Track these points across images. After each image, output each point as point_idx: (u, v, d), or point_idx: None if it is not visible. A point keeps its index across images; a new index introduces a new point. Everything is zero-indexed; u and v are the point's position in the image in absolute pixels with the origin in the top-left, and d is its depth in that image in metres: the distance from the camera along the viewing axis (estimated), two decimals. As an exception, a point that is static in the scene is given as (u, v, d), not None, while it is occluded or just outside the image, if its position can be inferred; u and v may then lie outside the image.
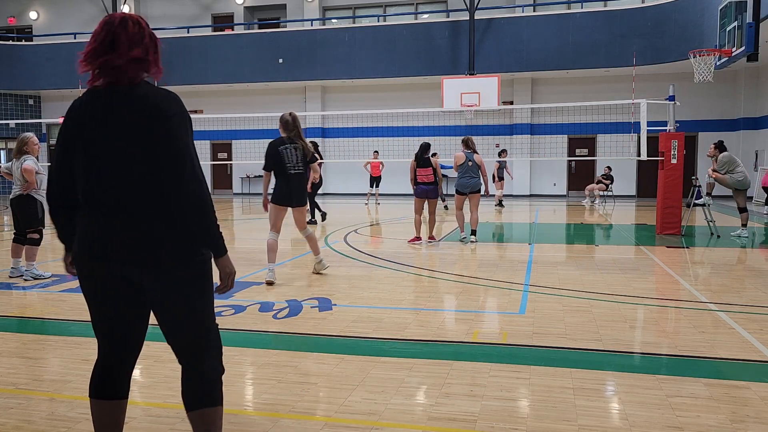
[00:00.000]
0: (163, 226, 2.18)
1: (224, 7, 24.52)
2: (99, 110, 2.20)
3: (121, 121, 2.17)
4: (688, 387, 3.57)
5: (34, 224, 7.05)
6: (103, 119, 2.19)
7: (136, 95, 2.20)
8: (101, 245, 2.21)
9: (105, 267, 2.22)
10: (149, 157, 2.15)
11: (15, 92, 24.73)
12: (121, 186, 2.18)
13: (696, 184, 10.87)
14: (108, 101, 2.20)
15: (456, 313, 5.47)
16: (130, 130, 2.16)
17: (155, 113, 2.16)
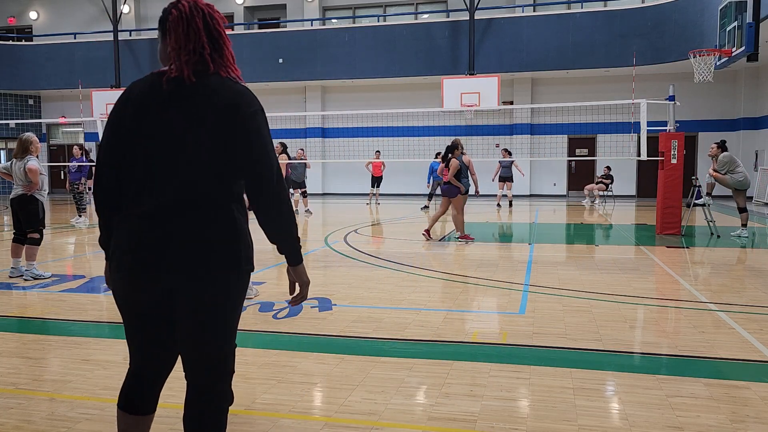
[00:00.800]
0: (221, 232, 2.01)
1: (224, 7, 24.50)
2: (162, 102, 2.02)
3: (189, 117, 2.00)
4: (688, 387, 3.57)
5: (35, 224, 7.05)
6: (168, 112, 2.01)
7: (208, 88, 2.02)
8: (147, 253, 2.00)
9: (150, 278, 2.02)
10: (221, 158, 2.00)
11: (15, 92, 24.74)
12: (180, 187, 2.00)
13: (696, 184, 10.88)
14: (175, 93, 2.02)
15: (456, 313, 5.47)
16: (201, 127, 1.99)
17: (237, 107, 2.00)
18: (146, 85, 2.08)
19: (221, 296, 2.05)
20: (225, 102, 2.00)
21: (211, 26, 2.09)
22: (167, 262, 1.99)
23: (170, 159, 2.00)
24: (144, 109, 2.03)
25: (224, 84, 2.05)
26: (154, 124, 2.02)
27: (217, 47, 2.10)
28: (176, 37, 2.04)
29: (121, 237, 2.06)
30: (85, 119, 17.84)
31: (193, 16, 2.06)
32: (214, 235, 2.00)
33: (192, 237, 1.99)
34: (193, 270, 1.99)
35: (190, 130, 1.99)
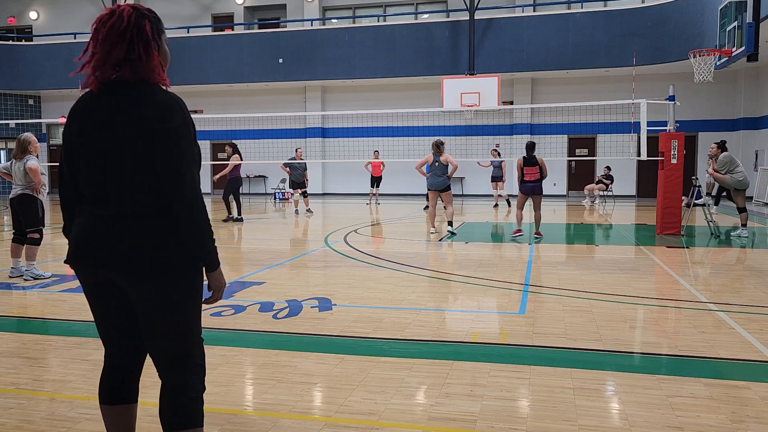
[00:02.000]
0: (154, 234, 2.10)
1: (224, 7, 24.52)
2: (90, 110, 2.14)
3: (108, 126, 2.10)
4: (688, 387, 3.57)
5: (34, 224, 7.05)
6: (104, 123, 2.12)
7: (125, 97, 2.10)
8: (89, 248, 2.14)
9: (93, 270, 2.17)
10: (149, 168, 2.07)
11: (15, 92, 24.74)
12: (116, 191, 2.10)
13: (696, 184, 10.88)
14: (109, 103, 2.12)
15: (456, 313, 5.47)
16: (129, 139, 2.08)
17: (154, 124, 2.06)
18: (86, 93, 2.19)
19: (159, 300, 2.14)
20: (143, 113, 2.07)
21: (140, 33, 2.12)
22: (106, 263, 2.11)
23: (100, 170, 2.11)
24: (81, 118, 2.16)
25: (150, 91, 2.11)
26: (83, 136, 2.15)
27: (147, 56, 2.12)
28: (94, 44, 2.13)
29: (73, 233, 2.22)
30: (85, 119, 17.82)
31: (122, 19, 2.11)
32: (145, 241, 2.09)
33: (125, 243, 2.09)
34: (130, 275, 2.11)
35: (110, 141, 2.09)
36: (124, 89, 2.10)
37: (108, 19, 2.12)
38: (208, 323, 5.08)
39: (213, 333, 4.81)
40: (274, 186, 22.98)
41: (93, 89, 2.14)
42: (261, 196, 23.63)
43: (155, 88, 2.13)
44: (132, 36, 2.10)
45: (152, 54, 2.13)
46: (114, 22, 2.10)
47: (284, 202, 20.45)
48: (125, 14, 2.12)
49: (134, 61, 2.10)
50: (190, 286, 2.19)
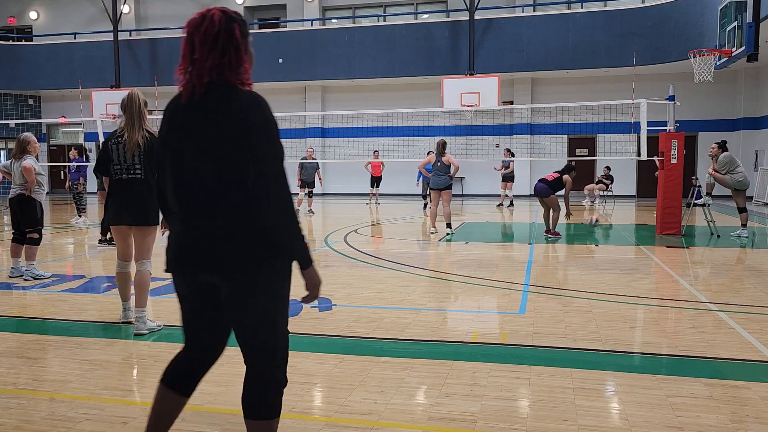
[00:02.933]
0: (245, 233, 2.14)
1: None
2: (183, 116, 2.20)
3: (201, 128, 2.16)
4: (688, 387, 3.57)
5: (33, 224, 7.05)
6: (187, 125, 2.18)
7: (216, 100, 2.15)
8: (187, 253, 2.22)
9: (191, 274, 2.24)
10: (236, 168, 2.13)
11: (15, 92, 24.74)
12: (203, 194, 2.17)
13: (696, 184, 10.87)
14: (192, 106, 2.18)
15: (456, 313, 5.47)
16: (216, 140, 2.14)
17: (240, 123, 2.11)
18: (175, 98, 2.26)
19: (251, 293, 2.19)
20: (230, 111, 2.12)
21: (231, 37, 2.18)
22: (202, 262, 2.18)
23: (194, 168, 2.17)
24: (172, 122, 2.23)
25: (236, 92, 2.16)
26: (178, 136, 2.21)
27: (236, 59, 2.19)
28: (191, 48, 2.18)
29: (170, 236, 2.32)
30: (85, 119, 17.86)
31: (214, 24, 2.16)
32: (233, 239, 2.14)
33: (220, 239, 2.15)
34: (225, 269, 2.16)
35: (205, 140, 2.14)
36: (212, 91, 2.16)
37: (201, 23, 2.17)
38: (208, 323, 5.07)
39: (213, 333, 4.80)
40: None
41: (189, 93, 2.18)
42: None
43: (240, 89, 2.18)
44: (224, 41, 2.16)
45: (242, 57, 2.20)
46: (207, 27, 2.16)
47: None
48: (216, 19, 2.17)
49: (226, 65, 2.16)
50: (280, 281, 2.23)
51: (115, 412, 3.25)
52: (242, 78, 2.20)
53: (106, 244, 9.79)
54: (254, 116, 2.12)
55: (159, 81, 21.86)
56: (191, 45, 2.17)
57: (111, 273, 7.63)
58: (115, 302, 5.79)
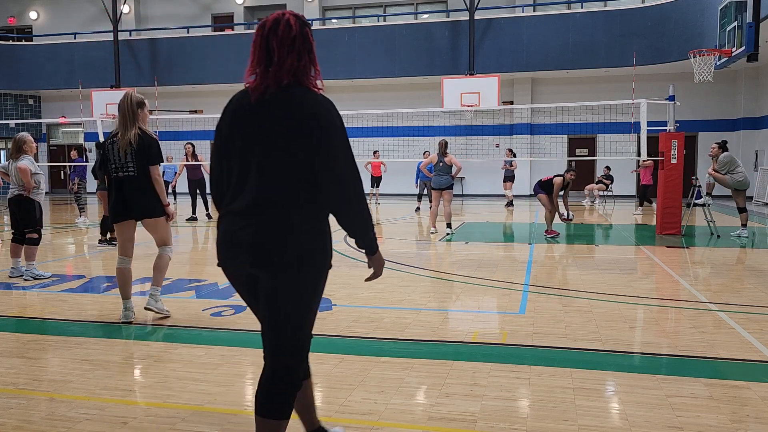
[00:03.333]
0: (294, 232, 2.21)
1: (224, 7, 24.52)
2: (252, 114, 2.24)
3: (270, 127, 2.21)
4: (688, 387, 3.57)
5: (31, 224, 7.05)
6: (252, 122, 2.24)
7: (289, 98, 2.21)
8: (231, 246, 2.26)
9: (236, 266, 2.30)
10: (304, 167, 2.20)
11: (15, 92, 24.73)
12: (261, 190, 2.21)
13: (696, 184, 10.87)
14: (259, 104, 2.23)
15: (456, 313, 5.47)
16: (281, 136, 2.19)
17: (310, 124, 2.18)
18: (240, 95, 2.32)
19: (289, 290, 2.24)
20: (304, 112, 2.19)
21: (305, 41, 2.27)
22: (248, 256, 2.22)
23: (253, 165, 2.22)
24: (236, 119, 2.28)
25: (309, 95, 2.23)
26: (242, 132, 2.25)
27: (308, 61, 2.27)
28: (267, 50, 2.25)
29: (219, 229, 2.34)
30: (85, 119, 17.86)
31: (291, 28, 2.24)
32: (288, 235, 2.20)
33: (268, 235, 2.19)
34: (268, 264, 2.21)
35: (271, 138, 2.20)
36: (286, 92, 2.22)
37: (277, 27, 2.23)
38: (209, 323, 5.08)
39: (213, 333, 4.81)
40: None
41: (261, 93, 2.22)
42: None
43: (312, 91, 2.26)
44: (300, 44, 2.24)
45: (314, 61, 2.29)
46: (284, 30, 2.22)
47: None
48: (293, 22, 2.24)
49: (301, 68, 2.24)
50: (319, 281, 2.30)
51: (115, 412, 3.25)
52: (313, 81, 2.28)
53: (106, 244, 9.79)
54: (325, 118, 2.20)
55: (159, 81, 21.88)
56: (267, 47, 2.23)
57: (111, 273, 7.62)
58: (115, 302, 5.79)
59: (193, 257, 8.96)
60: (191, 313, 5.40)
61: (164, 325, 5.03)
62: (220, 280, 6.90)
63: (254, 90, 2.24)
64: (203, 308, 5.57)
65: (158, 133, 16.74)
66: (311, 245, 2.24)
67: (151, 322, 5.17)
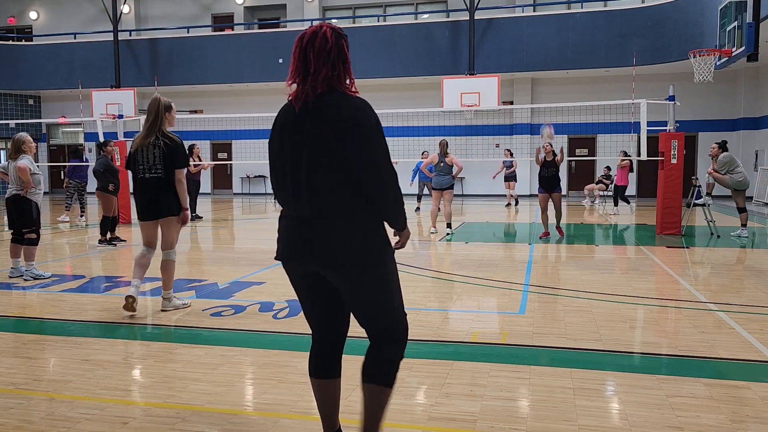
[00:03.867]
0: (347, 230, 2.36)
1: (224, 7, 24.51)
2: (298, 121, 2.41)
3: (314, 133, 2.37)
4: (688, 387, 3.57)
5: (29, 224, 7.04)
6: (297, 129, 2.41)
7: (326, 104, 2.37)
8: (294, 247, 2.44)
9: (299, 266, 2.47)
10: (348, 167, 2.35)
11: (15, 92, 24.73)
12: (317, 192, 2.36)
13: (696, 184, 10.87)
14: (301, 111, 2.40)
15: (456, 313, 5.47)
16: (323, 141, 2.35)
17: (351, 125, 2.34)
18: (286, 107, 2.49)
19: (365, 286, 2.41)
20: (341, 116, 2.34)
21: (340, 51, 2.44)
22: (310, 258, 2.40)
23: (304, 170, 2.38)
24: (285, 127, 2.45)
25: (346, 99, 2.39)
26: (290, 140, 2.42)
27: (343, 70, 2.44)
28: (305, 62, 2.41)
29: (282, 228, 2.54)
30: (85, 119, 17.85)
31: (327, 40, 2.40)
32: (345, 236, 2.35)
33: (324, 238, 2.36)
34: (336, 268, 2.38)
35: (316, 143, 2.36)
36: (325, 99, 2.38)
37: (314, 40, 2.40)
38: (209, 323, 5.08)
39: (213, 333, 4.81)
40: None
41: (303, 102, 2.39)
42: (261, 196, 23.63)
43: (350, 95, 2.43)
44: (335, 55, 2.41)
45: (348, 70, 2.46)
46: (320, 43, 2.39)
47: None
48: (329, 35, 2.41)
49: (335, 77, 2.40)
50: (389, 269, 2.46)
51: (115, 412, 3.25)
52: (349, 87, 2.44)
53: (106, 244, 9.79)
54: (361, 117, 2.36)
55: (159, 81, 21.87)
56: (305, 59, 2.40)
57: (111, 273, 7.63)
58: (115, 302, 5.80)
59: (193, 257, 8.96)
60: (191, 313, 5.40)
61: (164, 325, 5.03)
62: (220, 280, 6.90)
63: (296, 99, 2.42)
64: (203, 308, 5.57)
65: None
66: (367, 241, 2.38)
67: (151, 322, 5.17)
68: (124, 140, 13.70)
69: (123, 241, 10.15)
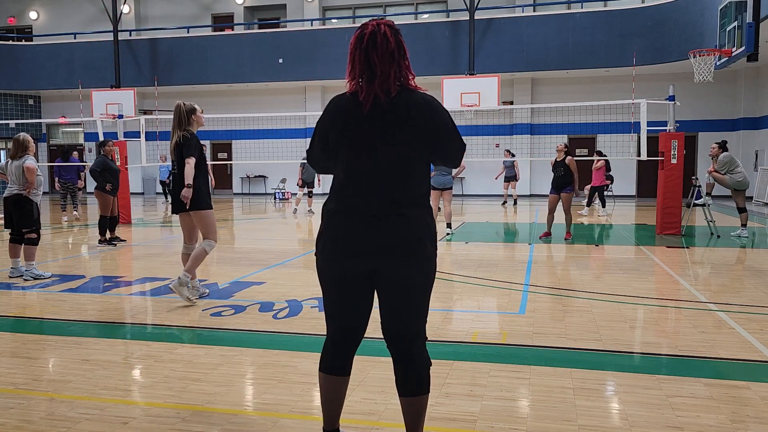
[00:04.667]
0: (417, 224, 2.40)
1: (224, 7, 24.51)
2: (365, 117, 2.42)
3: (387, 131, 2.40)
4: (688, 387, 3.57)
5: (29, 225, 7.04)
6: (371, 126, 2.41)
7: (395, 103, 2.40)
8: (355, 244, 2.40)
9: (359, 263, 2.42)
10: (415, 166, 2.43)
11: (15, 92, 24.72)
12: (386, 185, 2.39)
13: (696, 184, 10.87)
14: (370, 106, 2.42)
15: (456, 313, 5.47)
16: (399, 137, 2.40)
17: (422, 122, 2.41)
18: (349, 101, 2.47)
19: (412, 282, 2.43)
20: (411, 114, 2.39)
21: (401, 49, 2.47)
22: (376, 251, 2.38)
23: (371, 167, 2.40)
24: (349, 124, 2.43)
25: (413, 96, 2.43)
26: (360, 137, 2.42)
27: (405, 67, 2.47)
28: (368, 62, 2.45)
29: (330, 226, 2.48)
30: (85, 119, 17.85)
31: (389, 41, 2.45)
32: (408, 231, 2.39)
33: (393, 232, 2.37)
34: (393, 260, 2.39)
35: (382, 140, 2.39)
36: (396, 98, 2.41)
37: (376, 40, 2.43)
38: (209, 323, 5.09)
39: (213, 333, 4.81)
40: (274, 186, 22.99)
41: (372, 102, 2.40)
42: (261, 196, 23.63)
43: (418, 91, 2.47)
44: (398, 54, 2.44)
45: (409, 66, 2.49)
46: (383, 44, 2.42)
47: (284, 202, 20.45)
48: (389, 35, 2.45)
49: (402, 75, 2.45)
50: (433, 268, 2.49)
51: (115, 412, 3.25)
52: (411, 81, 2.47)
53: (106, 244, 9.79)
54: (437, 115, 2.45)
55: (159, 81, 21.87)
56: (368, 61, 2.42)
57: (111, 273, 7.63)
58: (115, 302, 5.81)
59: (193, 257, 8.96)
60: (191, 313, 5.40)
61: (164, 325, 5.04)
62: (220, 280, 6.90)
63: (366, 100, 2.40)
64: (203, 308, 5.57)
65: (158, 133, 16.76)
66: (424, 240, 2.42)
67: (151, 322, 5.17)
68: (125, 140, 13.71)
69: (123, 241, 10.15)
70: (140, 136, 14.10)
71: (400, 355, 2.56)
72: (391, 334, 2.57)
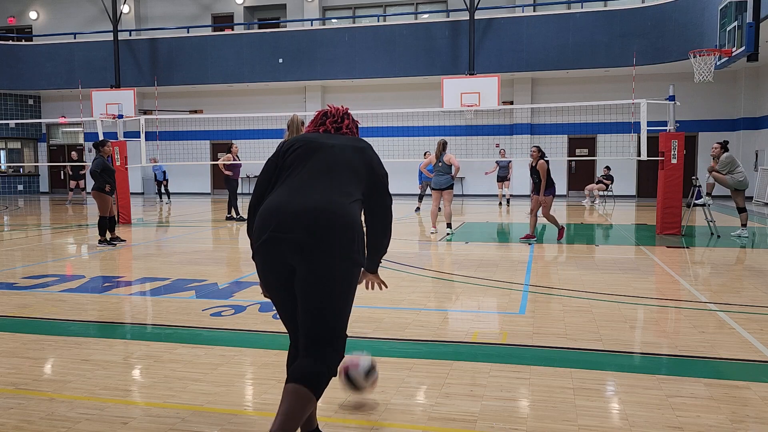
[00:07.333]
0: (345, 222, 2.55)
1: (224, 7, 24.51)
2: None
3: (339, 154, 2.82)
4: (688, 387, 3.56)
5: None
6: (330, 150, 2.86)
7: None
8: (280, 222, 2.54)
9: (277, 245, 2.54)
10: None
11: (15, 92, 24.73)
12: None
13: (696, 184, 10.87)
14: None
15: (456, 313, 5.46)
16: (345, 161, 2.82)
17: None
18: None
19: (327, 271, 2.51)
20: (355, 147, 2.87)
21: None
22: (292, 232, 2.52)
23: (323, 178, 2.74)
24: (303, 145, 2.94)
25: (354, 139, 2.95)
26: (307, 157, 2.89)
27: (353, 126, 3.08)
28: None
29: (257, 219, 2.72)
30: (85, 119, 17.85)
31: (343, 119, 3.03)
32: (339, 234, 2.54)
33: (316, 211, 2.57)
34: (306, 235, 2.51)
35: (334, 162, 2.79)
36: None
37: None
38: (208, 323, 5.08)
39: (213, 333, 4.81)
40: (274, 186, 22.95)
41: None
42: (261, 196, 23.59)
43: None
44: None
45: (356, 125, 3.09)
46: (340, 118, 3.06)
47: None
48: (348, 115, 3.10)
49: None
50: (356, 273, 2.60)
51: (115, 412, 3.25)
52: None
53: (105, 244, 9.79)
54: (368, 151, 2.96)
55: (159, 81, 21.87)
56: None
57: (111, 273, 7.63)
58: (115, 302, 5.80)
59: (193, 257, 8.95)
60: (191, 313, 5.40)
61: (164, 325, 5.03)
62: (220, 280, 6.90)
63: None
64: (203, 308, 5.57)
65: (158, 133, 16.76)
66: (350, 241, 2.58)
67: (151, 322, 5.17)
68: (124, 140, 13.70)
69: (123, 241, 10.15)
70: (140, 136, 14.11)
71: (309, 349, 2.62)
72: (306, 337, 2.67)
